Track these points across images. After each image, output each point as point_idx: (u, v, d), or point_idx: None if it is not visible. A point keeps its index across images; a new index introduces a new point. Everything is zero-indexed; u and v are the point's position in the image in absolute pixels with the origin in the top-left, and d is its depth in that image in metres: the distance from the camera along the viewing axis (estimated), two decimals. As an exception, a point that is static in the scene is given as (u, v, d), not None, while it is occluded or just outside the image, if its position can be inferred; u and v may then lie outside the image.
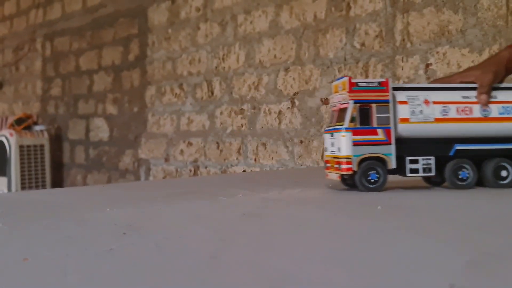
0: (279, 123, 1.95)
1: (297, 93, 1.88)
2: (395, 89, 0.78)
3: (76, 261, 0.37)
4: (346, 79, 0.76)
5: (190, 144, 2.34)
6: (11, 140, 2.98)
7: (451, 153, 0.78)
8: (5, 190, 2.98)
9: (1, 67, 3.88)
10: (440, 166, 0.77)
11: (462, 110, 0.78)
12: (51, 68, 3.36)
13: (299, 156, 1.88)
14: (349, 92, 0.75)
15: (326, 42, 1.79)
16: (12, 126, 3.12)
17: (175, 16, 2.42)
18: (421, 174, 0.76)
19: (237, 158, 2.12)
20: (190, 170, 2.33)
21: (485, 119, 0.78)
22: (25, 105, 3.62)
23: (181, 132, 2.39)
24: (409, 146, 0.77)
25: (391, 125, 0.75)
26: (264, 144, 2.00)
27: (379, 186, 0.75)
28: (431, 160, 0.77)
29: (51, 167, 3.14)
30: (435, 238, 0.43)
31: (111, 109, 2.85)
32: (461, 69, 1.47)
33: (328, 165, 0.80)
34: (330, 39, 1.78)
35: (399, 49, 1.60)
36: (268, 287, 0.30)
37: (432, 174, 0.77)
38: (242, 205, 0.63)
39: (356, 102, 0.75)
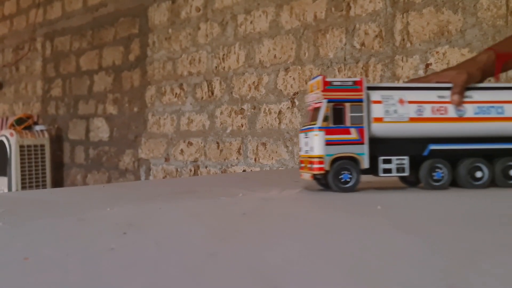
0: (279, 123, 1.95)
1: (297, 93, 1.88)
2: (370, 88, 0.77)
3: (77, 260, 0.37)
4: (320, 78, 0.75)
5: (190, 144, 2.34)
6: (12, 140, 2.98)
7: (425, 153, 0.77)
8: (6, 190, 2.98)
9: (1, 67, 3.88)
10: (416, 166, 0.77)
11: (437, 110, 0.77)
12: (51, 68, 3.36)
13: (299, 156, 1.88)
14: (322, 91, 0.74)
15: (326, 42, 1.79)
16: (12, 126, 3.12)
17: (176, 16, 2.42)
18: (394, 174, 0.76)
19: (237, 158, 2.12)
20: (190, 170, 2.33)
21: (460, 119, 0.77)
22: (25, 106, 3.62)
23: (181, 132, 2.39)
24: (382, 146, 0.76)
25: (365, 124, 0.75)
26: (264, 144, 2.00)
27: (352, 186, 0.74)
28: (405, 160, 0.76)
29: (51, 167, 3.14)
30: (433, 237, 0.43)
31: (111, 109, 2.85)
32: (461, 69, 1.47)
33: (302, 165, 0.79)
34: (330, 39, 1.78)
35: (398, 49, 1.60)
36: (268, 286, 0.30)
37: (406, 174, 0.76)
38: (242, 204, 0.63)
39: (329, 101, 0.74)
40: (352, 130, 0.74)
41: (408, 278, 0.31)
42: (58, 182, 3.22)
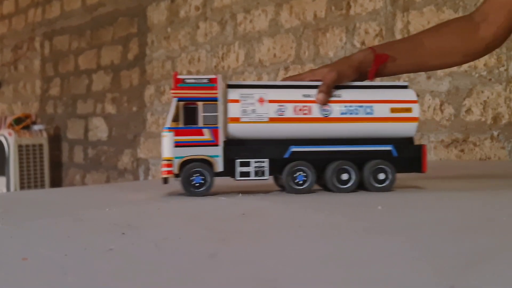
0: (279, 122, 1.95)
1: (297, 92, 1.88)
2: (231, 86, 0.72)
3: (75, 261, 0.36)
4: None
5: (189, 143, 2.34)
6: (10, 139, 2.98)
7: (286, 155, 0.72)
8: (4, 190, 2.98)
9: (0, 66, 3.88)
10: (279, 169, 0.72)
11: (300, 110, 0.72)
12: (50, 68, 3.36)
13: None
14: (173, 89, 0.70)
15: (326, 41, 1.79)
16: (11, 125, 3.12)
17: (175, 15, 2.42)
18: (252, 177, 0.71)
19: (236, 158, 2.12)
20: (190, 170, 2.33)
21: (325, 119, 0.73)
22: (24, 105, 3.62)
23: (180, 131, 2.39)
24: (240, 148, 0.71)
25: (220, 125, 0.70)
26: (263, 144, 2.00)
27: (205, 190, 0.69)
28: (265, 163, 0.71)
29: (49, 166, 3.14)
30: (433, 238, 0.43)
31: (110, 109, 2.85)
32: (461, 69, 1.47)
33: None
34: (330, 38, 1.78)
35: (399, 48, 1.59)
36: (267, 286, 0.30)
37: (266, 177, 0.72)
38: (242, 205, 0.63)
39: (180, 99, 0.69)
40: (205, 131, 0.69)
41: (408, 280, 0.31)
42: (56, 182, 3.22)
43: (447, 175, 1.03)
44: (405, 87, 0.78)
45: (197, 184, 0.69)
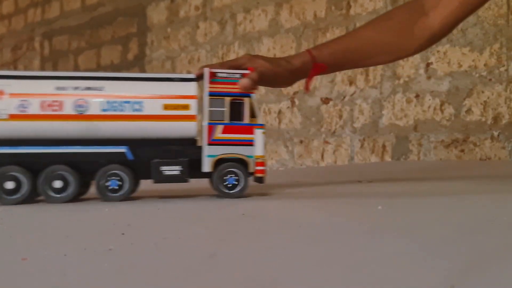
0: (279, 122, 1.95)
1: (297, 92, 1.88)
2: None
3: (75, 261, 0.36)
4: None
5: (189, 143, 2.34)
6: None
7: None
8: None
9: (0, 66, 3.88)
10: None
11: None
12: (49, 67, 3.36)
13: (299, 156, 1.88)
14: None
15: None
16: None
17: (174, 15, 2.42)
18: None
19: (236, 158, 2.12)
20: (189, 170, 2.33)
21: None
22: (23, 104, 3.62)
23: (180, 131, 2.39)
24: None
25: None
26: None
27: None
28: None
29: (49, 166, 3.14)
30: (432, 238, 0.43)
31: (110, 109, 2.85)
32: (461, 69, 1.47)
33: None
34: (330, 38, 1.77)
35: (399, 48, 1.59)
36: (267, 287, 0.30)
37: None
38: (242, 205, 0.63)
39: None
40: None
41: (408, 280, 0.31)
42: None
43: (447, 176, 1.03)
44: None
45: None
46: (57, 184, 0.64)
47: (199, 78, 0.69)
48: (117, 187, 0.65)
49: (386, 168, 1.35)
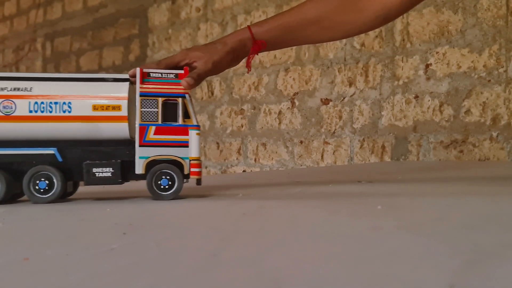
0: (279, 123, 1.95)
1: (297, 93, 1.88)
2: None
3: (77, 261, 0.36)
4: None
5: (190, 144, 2.34)
6: None
7: None
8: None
9: (2, 67, 3.88)
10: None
11: None
12: (51, 69, 3.36)
13: (299, 156, 1.88)
14: None
15: (326, 43, 1.79)
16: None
17: (176, 16, 2.42)
18: None
19: (237, 158, 2.12)
20: (190, 170, 2.33)
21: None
22: (25, 105, 3.61)
23: (181, 132, 2.39)
24: None
25: None
26: (264, 144, 2.00)
27: None
28: None
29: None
30: (433, 237, 0.43)
31: (111, 109, 2.85)
32: (460, 70, 1.47)
33: None
34: (330, 39, 1.78)
35: (398, 49, 1.60)
36: (268, 286, 0.30)
37: None
38: (242, 205, 0.63)
39: None
40: None
41: (408, 279, 0.31)
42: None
43: (446, 176, 1.03)
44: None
45: None
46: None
47: (133, 78, 0.68)
48: (45, 188, 0.65)
49: (385, 168, 1.35)
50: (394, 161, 1.62)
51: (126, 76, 0.68)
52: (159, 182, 0.66)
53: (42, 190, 0.65)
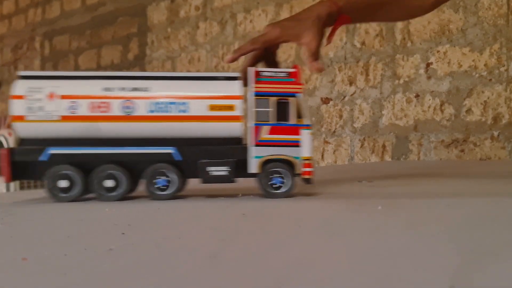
0: (279, 122, 1.95)
1: (297, 92, 1.88)
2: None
3: (75, 261, 0.36)
4: None
5: (189, 143, 2.34)
6: (10, 139, 2.98)
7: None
8: (4, 190, 2.98)
9: (0, 66, 3.88)
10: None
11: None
12: (50, 67, 3.36)
13: (299, 156, 1.88)
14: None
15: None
16: (11, 125, 3.12)
17: (175, 15, 2.42)
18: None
19: (236, 158, 2.12)
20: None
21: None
22: (24, 104, 3.62)
23: (180, 131, 2.39)
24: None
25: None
26: (263, 144, 2.00)
27: None
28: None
29: (50, 166, 3.14)
30: (433, 237, 0.43)
31: (110, 108, 2.85)
32: (461, 69, 1.47)
33: None
34: (330, 38, 1.78)
35: (399, 48, 1.59)
36: (268, 286, 0.30)
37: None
38: (242, 204, 0.63)
39: None
40: None
41: (408, 279, 0.31)
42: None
43: (447, 176, 1.03)
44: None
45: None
46: (109, 183, 0.66)
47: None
48: (165, 186, 0.67)
49: (386, 168, 1.35)
50: (394, 161, 1.62)
51: (236, 74, 0.69)
52: (270, 182, 0.67)
53: (160, 187, 0.66)
